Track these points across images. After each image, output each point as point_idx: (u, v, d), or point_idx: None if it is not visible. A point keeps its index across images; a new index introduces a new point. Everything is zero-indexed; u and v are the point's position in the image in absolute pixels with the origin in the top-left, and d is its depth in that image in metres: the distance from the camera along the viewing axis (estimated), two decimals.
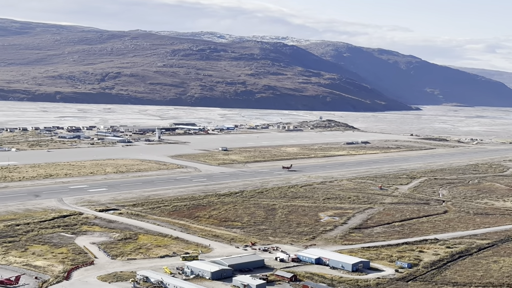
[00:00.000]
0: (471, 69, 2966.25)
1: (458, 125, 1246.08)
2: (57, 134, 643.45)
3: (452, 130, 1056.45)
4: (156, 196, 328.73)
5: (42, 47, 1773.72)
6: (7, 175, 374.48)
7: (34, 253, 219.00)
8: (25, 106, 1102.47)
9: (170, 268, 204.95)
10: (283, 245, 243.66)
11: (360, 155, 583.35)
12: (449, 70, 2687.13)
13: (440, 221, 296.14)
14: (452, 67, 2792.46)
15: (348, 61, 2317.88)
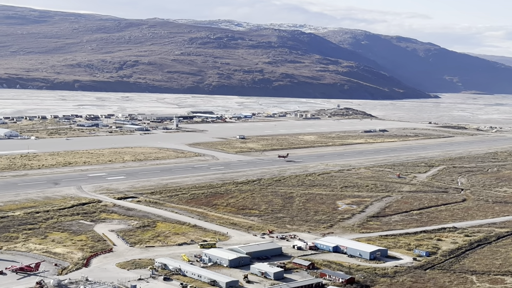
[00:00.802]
0: (491, 56, 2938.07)
1: (477, 113, 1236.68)
2: (75, 123, 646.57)
3: (471, 118, 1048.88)
4: (174, 184, 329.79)
5: (60, 36, 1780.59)
6: (27, 163, 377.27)
7: (53, 240, 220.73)
8: (44, 94, 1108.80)
9: (188, 256, 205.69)
10: (300, 233, 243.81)
11: (378, 143, 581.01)
12: (468, 57, 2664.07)
13: (458, 210, 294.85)
14: (471, 55, 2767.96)
15: (366, 48, 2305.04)
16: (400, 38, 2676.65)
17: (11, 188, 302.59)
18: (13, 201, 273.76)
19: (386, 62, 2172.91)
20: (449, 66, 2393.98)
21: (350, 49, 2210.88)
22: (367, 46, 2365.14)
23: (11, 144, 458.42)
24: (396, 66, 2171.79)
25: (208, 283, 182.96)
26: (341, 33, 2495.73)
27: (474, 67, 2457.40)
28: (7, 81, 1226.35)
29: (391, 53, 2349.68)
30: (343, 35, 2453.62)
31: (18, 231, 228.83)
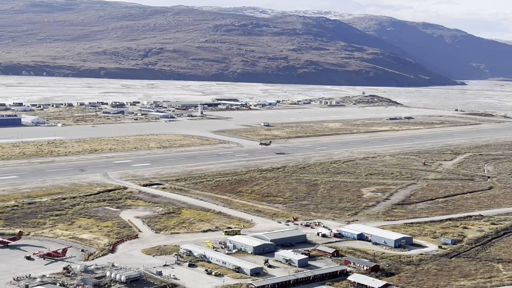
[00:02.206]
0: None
1: (505, 100, 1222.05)
2: (101, 110, 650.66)
3: (498, 105, 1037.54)
4: (199, 171, 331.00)
5: (86, 23, 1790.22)
6: (54, 150, 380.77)
7: (80, 226, 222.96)
8: (70, 82, 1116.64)
9: (212, 243, 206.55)
10: (325, 221, 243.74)
11: (403, 130, 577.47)
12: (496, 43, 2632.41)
13: (485, 197, 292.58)
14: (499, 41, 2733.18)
15: (391, 35, 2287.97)
16: (426, 24, 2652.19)
17: (39, 174, 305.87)
18: (41, 188, 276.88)
19: (412, 48, 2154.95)
20: (476, 53, 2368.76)
21: (376, 36, 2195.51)
22: (392, 32, 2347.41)
23: (38, 131, 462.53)
24: (422, 53, 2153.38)
25: (232, 269, 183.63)
26: (367, 20, 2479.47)
27: (502, 54, 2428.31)
28: (34, 69, 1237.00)
29: (417, 40, 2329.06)
30: (368, 22, 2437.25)
31: (46, 217, 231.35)
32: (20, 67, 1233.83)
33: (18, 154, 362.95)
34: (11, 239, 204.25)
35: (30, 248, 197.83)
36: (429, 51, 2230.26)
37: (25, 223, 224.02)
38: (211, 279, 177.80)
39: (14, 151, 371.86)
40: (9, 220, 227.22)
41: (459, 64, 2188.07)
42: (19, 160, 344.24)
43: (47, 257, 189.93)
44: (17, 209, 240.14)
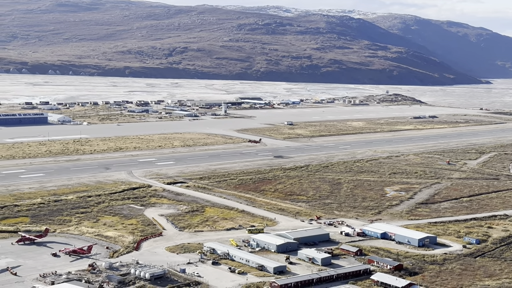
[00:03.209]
0: None
1: None
2: (126, 108, 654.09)
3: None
4: (222, 169, 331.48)
5: (111, 23, 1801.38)
6: (79, 148, 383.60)
7: (105, 224, 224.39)
8: (95, 80, 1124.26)
9: (236, 241, 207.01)
10: (348, 220, 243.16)
11: (428, 129, 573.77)
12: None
13: (510, 197, 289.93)
14: None
15: (416, 34, 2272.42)
16: (451, 23, 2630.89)
17: (64, 172, 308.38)
18: (66, 185, 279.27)
19: (436, 47, 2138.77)
20: (502, 51, 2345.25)
21: (400, 35, 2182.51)
22: (417, 31, 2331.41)
23: (64, 130, 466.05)
24: (446, 52, 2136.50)
25: (256, 268, 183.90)
26: (391, 18, 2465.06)
27: None
28: (60, 68, 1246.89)
29: (441, 38, 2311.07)
30: (392, 20, 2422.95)
31: (71, 215, 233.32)
32: (46, 66, 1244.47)
33: (44, 152, 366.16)
34: (37, 236, 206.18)
35: (56, 245, 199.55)
36: (454, 49, 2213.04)
37: (51, 220, 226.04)
38: (234, 277, 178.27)
39: (41, 149, 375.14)
40: (35, 217, 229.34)
41: (484, 62, 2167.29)
42: (46, 158, 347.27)
43: (72, 254, 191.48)
44: (43, 207, 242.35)
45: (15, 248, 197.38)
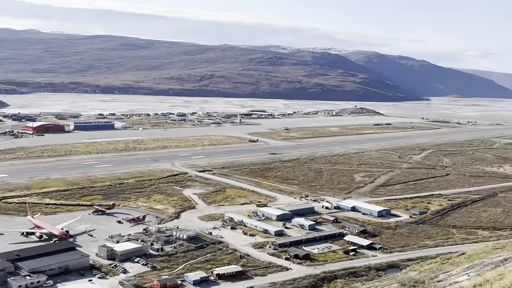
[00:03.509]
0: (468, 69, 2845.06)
1: (458, 111, 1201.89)
2: (169, 118, 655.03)
3: (453, 115, 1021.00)
4: (238, 161, 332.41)
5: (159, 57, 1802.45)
6: (136, 146, 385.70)
7: (155, 200, 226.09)
8: (148, 98, 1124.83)
9: (248, 212, 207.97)
10: (327, 197, 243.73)
11: (384, 133, 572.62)
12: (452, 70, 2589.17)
13: (443, 181, 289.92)
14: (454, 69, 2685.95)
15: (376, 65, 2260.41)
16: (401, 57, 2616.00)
17: (126, 163, 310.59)
18: (127, 173, 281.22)
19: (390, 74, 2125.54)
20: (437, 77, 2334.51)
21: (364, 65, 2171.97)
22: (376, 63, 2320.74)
23: (125, 133, 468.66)
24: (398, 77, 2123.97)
25: (262, 231, 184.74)
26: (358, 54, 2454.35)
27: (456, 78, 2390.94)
28: (123, 89, 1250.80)
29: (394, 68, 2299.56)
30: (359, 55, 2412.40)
31: (131, 193, 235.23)
32: (113, 88, 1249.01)
33: (111, 149, 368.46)
34: (107, 208, 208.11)
35: (120, 215, 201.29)
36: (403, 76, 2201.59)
37: (117, 197, 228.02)
38: (246, 238, 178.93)
39: (109, 147, 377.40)
40: (105, 195, 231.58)
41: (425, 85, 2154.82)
42: (112, 153, 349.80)
43: (132, 221, 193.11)
44: (111, 188, 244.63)
45: (91, 217, 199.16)
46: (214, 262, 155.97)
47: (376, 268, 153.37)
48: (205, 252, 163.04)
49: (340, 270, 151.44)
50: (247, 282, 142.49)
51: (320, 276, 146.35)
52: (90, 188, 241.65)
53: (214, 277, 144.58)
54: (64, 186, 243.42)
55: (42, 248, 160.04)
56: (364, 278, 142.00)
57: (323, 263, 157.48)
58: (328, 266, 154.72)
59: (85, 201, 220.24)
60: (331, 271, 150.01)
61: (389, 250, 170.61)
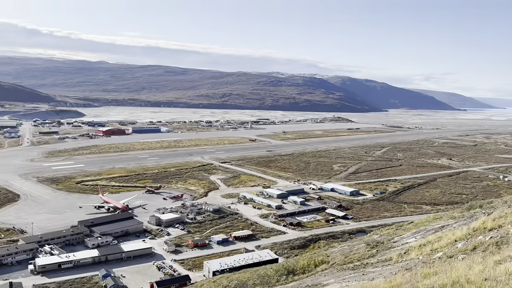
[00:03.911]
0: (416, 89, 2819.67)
1: (408, 119, 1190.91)
2: (200, 124, 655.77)
3: (404, 122, 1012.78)
4: (249, 155, 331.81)
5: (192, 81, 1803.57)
6: (177, 144, 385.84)
7: (190, 183, 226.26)
8: (184, 110, 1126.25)
9: (256, 192, 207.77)
10: (314, 181, 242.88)
11: (355, 135, 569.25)
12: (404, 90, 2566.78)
13: (397, 170, 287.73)
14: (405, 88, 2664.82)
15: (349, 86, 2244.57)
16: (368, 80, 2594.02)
17: (169, 157, 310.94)
18: (170, 164, 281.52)
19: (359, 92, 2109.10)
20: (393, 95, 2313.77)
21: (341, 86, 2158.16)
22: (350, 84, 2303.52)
23: (169, 135, 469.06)
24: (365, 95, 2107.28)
25: (266, 206, 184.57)
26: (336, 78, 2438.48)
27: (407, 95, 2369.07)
28: (167, 104, 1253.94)
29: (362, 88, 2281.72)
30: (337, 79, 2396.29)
31: (172, 178, 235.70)
32: (160, 103, 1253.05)
33: (159, 146, 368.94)
34: (156, 188, 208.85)
35: (164, 194, 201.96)
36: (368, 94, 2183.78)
37: (162, 181, 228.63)
38: (255, 210, 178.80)
39: (157, 145, 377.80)
40: (154, 179, 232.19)
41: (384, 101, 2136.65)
42: (159, 150, 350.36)
43: (173, 198, 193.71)
44: (158, 174, 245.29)
45: (144, 195, 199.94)
46: (232, 227, 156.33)
47: (349, 232, 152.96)
48: (225, 220, 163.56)
49: (322, 233, 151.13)
50: (255, 242, 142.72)
51: (308, 238, 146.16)
52: (143, 174, 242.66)
53: (232, 238, 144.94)
54: (125, 173, 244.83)
55: (109, 217, 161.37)
56: (340, 239, 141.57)
57: (310, 229, 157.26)
58: (314, 231, 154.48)
59: (140, 184, 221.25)
60: (316, 234, 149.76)
61: (358, 220, 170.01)
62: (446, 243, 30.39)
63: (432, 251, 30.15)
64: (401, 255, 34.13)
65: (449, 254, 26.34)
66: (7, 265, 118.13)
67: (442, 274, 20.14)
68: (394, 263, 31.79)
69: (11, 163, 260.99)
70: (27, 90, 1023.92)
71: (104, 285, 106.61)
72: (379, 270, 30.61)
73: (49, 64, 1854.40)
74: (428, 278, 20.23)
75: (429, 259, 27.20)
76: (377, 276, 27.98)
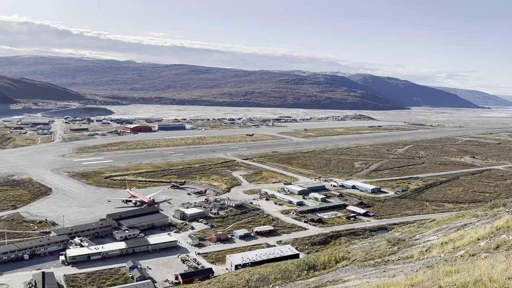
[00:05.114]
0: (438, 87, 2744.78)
1: (431, 117, 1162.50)
2: (223, 122, 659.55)
3: (427, 120, 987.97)
4: (270, 152, 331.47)
5: (216, 79, 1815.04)
6: (200, 141, 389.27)
7: (213, 179, 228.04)
8: (208, 108, 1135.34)
9: (277, 188, 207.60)
10: (335, 178, 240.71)
11: (376, 133, 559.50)
12: (426, 88, 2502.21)
13: (419, 168, 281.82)
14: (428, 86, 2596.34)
15: (371, 83, 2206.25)
16: (390, 78, 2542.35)
17: (193, 153, 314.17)
18: (194, 160, 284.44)
19: (381, 90, 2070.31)
20: (416, 92, 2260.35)
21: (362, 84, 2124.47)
22: (371, 82, 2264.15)
23: (193, 132, 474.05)
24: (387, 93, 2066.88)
25: (287, 202, 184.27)
26: (357, 76, 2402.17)
27: (430, 93, 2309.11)
28: (191, 102, 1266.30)
29: (384, 86, 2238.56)
30: (358, 77, 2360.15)
31: (196, 174, 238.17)
32: (184, 101, 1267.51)
33: (183, 143, 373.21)
34: (180, 184, 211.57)
35: (189, 189, 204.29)
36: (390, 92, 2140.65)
37: (187, 177, 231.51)
38: (277, 206, 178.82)
39: (182, 142, 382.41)
40: (179, 175, 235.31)
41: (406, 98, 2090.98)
42: (184, 146, 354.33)
43: (197, 193, 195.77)
44: (183, 170, 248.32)
45: (169, 190, 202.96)
46: (254, 223, 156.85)
47: (370, 229, 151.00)
48: (247, 216, 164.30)
49: (343, 230, 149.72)
50: (277, 238, 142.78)
51: (329, 234, 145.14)
52: (168, 170, 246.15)
53: (253, 233, 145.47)
54: (151, 168, 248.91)
55: (136, 211, 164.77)
56: (361, 236, 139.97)
57: (331, 225, 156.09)
58: (335, 228, 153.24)
59: (165, 179, 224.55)
60: (337, 231, 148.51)
61: (379, 217, 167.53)
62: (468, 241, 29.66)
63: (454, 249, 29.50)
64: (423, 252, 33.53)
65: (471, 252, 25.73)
66: (40, 255, 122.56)
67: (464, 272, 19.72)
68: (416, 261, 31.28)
69: (43, 158, 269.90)
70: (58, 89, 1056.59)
71: (131, 276, 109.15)
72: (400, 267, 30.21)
73: (80, 64, 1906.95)
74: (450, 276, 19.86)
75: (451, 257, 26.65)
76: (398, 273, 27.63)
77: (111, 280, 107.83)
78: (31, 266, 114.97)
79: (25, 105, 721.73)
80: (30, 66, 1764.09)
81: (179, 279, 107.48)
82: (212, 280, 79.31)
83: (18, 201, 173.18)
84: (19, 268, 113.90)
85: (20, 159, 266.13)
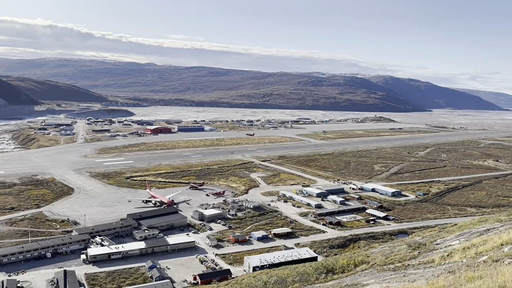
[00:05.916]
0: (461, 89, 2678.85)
1: (453, 119, 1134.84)
2: (241, 123, 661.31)
3: (449, 122, 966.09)
4: (289, 154, 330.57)
5: (235, 81, 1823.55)
6: (219, 143, 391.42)
7: (231, 180, 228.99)
8: (226, 109, 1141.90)
9: (296, 190, 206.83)
10: (354, 181, 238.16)
11: (397, 135, 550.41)
12: (448, 89, 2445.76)
13: (441, 171, 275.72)
14: (450, 88, 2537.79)
15: (391, 85, 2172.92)
16: (411, 79, 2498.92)
17: (212, 155, 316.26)
18: (213, 161, 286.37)
19: (402, 92, 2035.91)
20: (438, 94, 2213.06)
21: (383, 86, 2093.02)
22: (392, 84, 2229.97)
23: (211, 134, 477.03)
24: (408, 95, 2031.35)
25: (305, 204, 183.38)
26: (378, 77, 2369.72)
27: (452, 95, 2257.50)
28: (210, 103, 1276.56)
29: (405, 87, 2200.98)
30: (379, 78, 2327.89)
31: (215, 175, 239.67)
32: (203, 102, 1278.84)
33: (202, 144, 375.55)
34: (199, 185, 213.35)
35: (207, 190, 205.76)
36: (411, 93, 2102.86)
37: (205, 178, 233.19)
38: (295, 208, 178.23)
39: (200, 143, 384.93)
40: (198, 176, 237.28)
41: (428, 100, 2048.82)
42: (203, 148, 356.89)
43: (215, 195, 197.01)
44: (201, 171, 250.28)
45: (188, 191, 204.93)
46: (272, 225, 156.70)
47: (390, 233, 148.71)
48: (265, 218, 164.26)
49: (362, 234, 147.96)
50: (295, 240, 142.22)
51: (348, 238, 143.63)
52: (187, 171, 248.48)
53: (271, 235, 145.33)
54: (170, 169, 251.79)
55: (156, 211, 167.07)
56: (381, 240, 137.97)
57: (350, 229, 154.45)
58: (354, 231, 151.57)
59: (184, 180, 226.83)
60: (356, 234, 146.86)
61: (400, 221, 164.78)
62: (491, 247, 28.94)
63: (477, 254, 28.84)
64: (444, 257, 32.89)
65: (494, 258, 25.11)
66: (62, 254, 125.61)
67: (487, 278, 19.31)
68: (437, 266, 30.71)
69: (66, 159, 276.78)
70: (81, 91, 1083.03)
71: (150, 276, 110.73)
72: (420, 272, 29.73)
73: (102, 66, 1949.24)
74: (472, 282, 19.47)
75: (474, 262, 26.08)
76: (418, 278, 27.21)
77: (131, 279, 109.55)
78: (53, 264, 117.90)
79: (48, 107, 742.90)
80: (54, 68, 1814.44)
81: (197, 279, 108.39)
82: (230, 281, 79.72)
83: (41, 200, 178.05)
84: (41, 266, 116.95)
85: (44, 159, 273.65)
